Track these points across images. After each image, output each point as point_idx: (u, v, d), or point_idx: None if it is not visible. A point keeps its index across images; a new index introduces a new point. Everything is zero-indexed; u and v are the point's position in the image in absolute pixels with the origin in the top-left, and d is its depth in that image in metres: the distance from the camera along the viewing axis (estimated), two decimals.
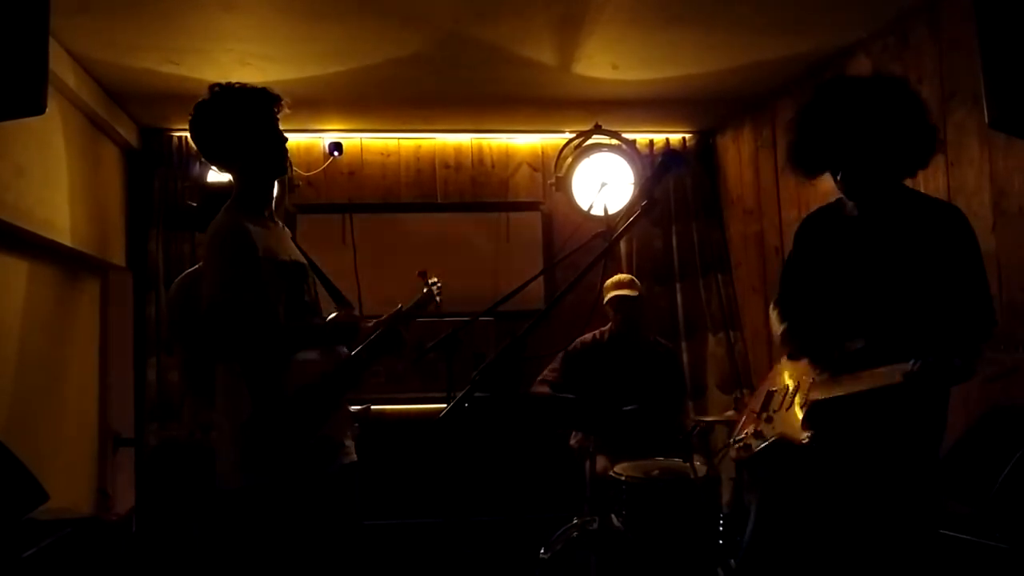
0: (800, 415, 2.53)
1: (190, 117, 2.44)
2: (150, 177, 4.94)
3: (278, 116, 2.48)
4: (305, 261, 2.59)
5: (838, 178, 2.46)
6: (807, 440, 2.46)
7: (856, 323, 2.45)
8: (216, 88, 2.43)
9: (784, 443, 2.57)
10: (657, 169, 2.12)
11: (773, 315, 2.82)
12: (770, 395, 2.78)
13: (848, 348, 2.44)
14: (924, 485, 2.39)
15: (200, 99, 2.43)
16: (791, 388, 2.65)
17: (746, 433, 2.82)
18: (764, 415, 2.74)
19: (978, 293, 2.34)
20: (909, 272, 2.37)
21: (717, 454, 4.12)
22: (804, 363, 2.63)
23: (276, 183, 2.56)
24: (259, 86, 2.46)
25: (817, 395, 2.49)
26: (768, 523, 2.63)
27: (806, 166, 2.53)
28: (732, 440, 2.92)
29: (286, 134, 2.51)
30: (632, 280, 4.42)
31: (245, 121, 2.42)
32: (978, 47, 2.36)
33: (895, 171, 2.42)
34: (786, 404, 2.64)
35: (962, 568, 2.54)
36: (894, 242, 2.40)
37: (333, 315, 2.70)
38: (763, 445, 2.68)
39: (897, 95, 2.38)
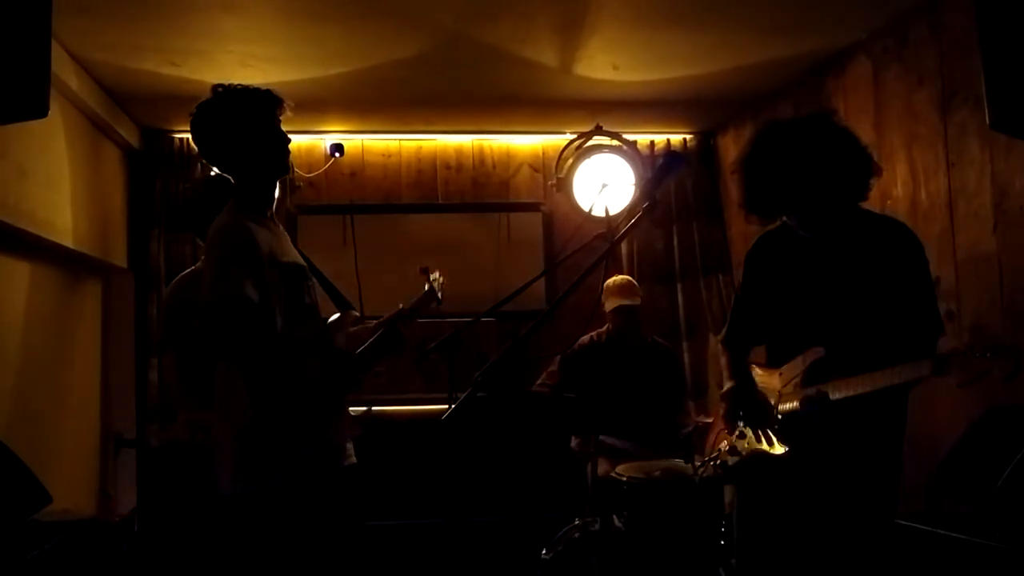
0: (772, 427, 2.59)
1: (191, 117, 2.44)
2: (152, 178, 4.95)
3: (280, 118, 2.47)
4: (304, 263, 2.58)
5: (791, 219, 2.53)
6: (783, 454, 2.52)
7: (814, 333, 2.51)
8: (219, 89, 2.43)
9: (759, 457, 2.62)
10: (658, 170, 2.13)
11: (723, 360, 2.85)
12: None
13: (808, 358, 2.50)
14: (892, 485, 2.46)
15: (202, 99, 2.43)
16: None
17: (719, 450, 2.86)
18: (736, 431, 2.77)
19: (926, 305, 2.42)
20: (861, 289, 2.44)
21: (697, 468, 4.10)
22: (771, 377, 2.67)
23: (278, 184, 2.56)
24: (262, 87, 2.46)
25: (787, 406, 2.54)
26: (751, 535, 2.68)
27: (761, 213, 2.58)
28: (707, 458, 2.95)
29: (287, 133, 2.51)
30: (632, 285, 4.39)
31: (247, 122, 2.41)
32: (979, 47, 2.37)
33: (844, 201, 2.46)
34: None
35: (962, 569, 2.54)
36: (845, 261, 2.47)
37: (334, 317, 2.70)
38: (737, 460, 2.73)
39: (827, 131, 2.43)
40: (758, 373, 2.75)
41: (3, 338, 3.61)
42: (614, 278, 4.41)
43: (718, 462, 2.84)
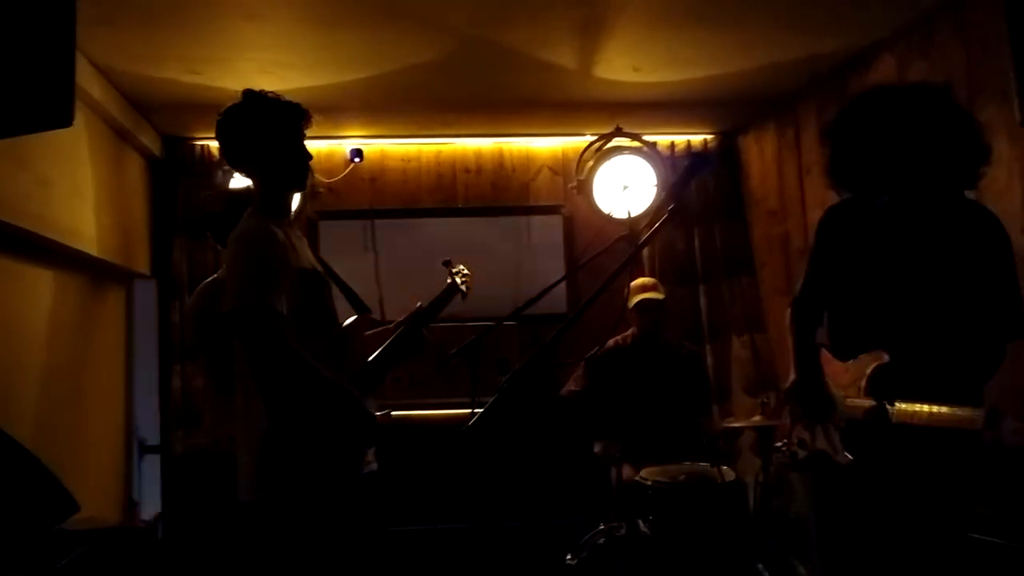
0: (837, 431, 2.45)
1: (219, 118, 2.45)
2: (173, 186, 4.98)
3: (306, 132, 2.48)
4: (322, 268, 2.58)
5: (883, 200, 2.32)
6: (846, 463, 2.39)
7: (882, 329, 2.35)
8: (249, 94, 2.45)
9: (823, 457, 2.51)
10: (685, 172, 2.06)
11: (789, 339, 2.70)
12: None
13: (871, 363, 2.34)
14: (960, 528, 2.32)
15: (225, 105, 2.44)
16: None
17: (790, 438, 2.72)
18: (803, 419, 2.62)
19: (1012, 304, 2.22)
20: (938, 288, 2.27)
21: (770, 457, 4.01)
22: (839, 371, 2.51)
23: (295, 194, 2.57)
24: (292, 100, 2.47)
25: (850, 413, 2.40)
26: (830, 531, 2.57)
27: (852, 187, 2.39)
28: (779, 444, 2.85)
29: (307, 140, 2.51)
30: (656, 283, 4.41)
31: (272, 130, 2.42)
32: (1008, 45, 2.33)
33: (949, 189, 2.26)
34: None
35: (989, 572, 2.50)
36: (925, 253, 2.30)
37: (351, 320, 2.69)
38: (806, 454, 2.60)
39: (946, 106, 2.22)
40: (827, 360, 2.56)
41: (28, 346, 3.63)
42: (638, 279, 4.41)
43: (788, 452, 2.72)
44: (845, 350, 2.45)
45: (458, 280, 3.09)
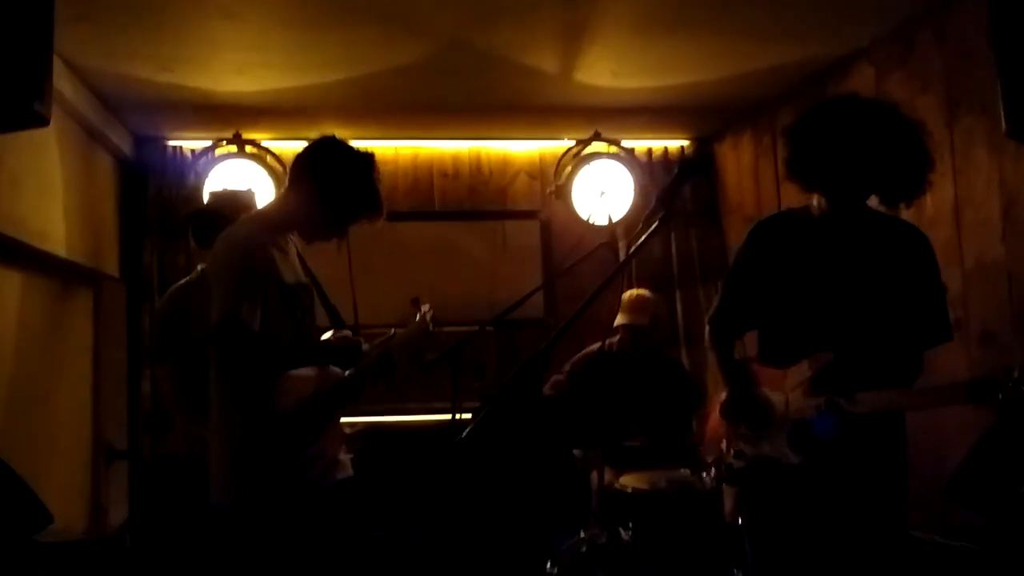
0: (783, 433, 2.47)
1: (340, 143, 2.55)
2: (143, 186, 4.87)
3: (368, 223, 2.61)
4: (307, 280, 2.59)
5: (836, 198, 2.45)
6: (797, 463, 2.42)
7: (822, 332, 2.44)
8: (372, 158, 2.61)
9: (767, 463, 2.52)
10: (676, 178, 2.09)
11: (712, 356, 2.79)
12: None
13: (816, 362, 2.41)
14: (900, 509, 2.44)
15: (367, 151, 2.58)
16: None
17: (722, 450, 2.73)
18: (741, 431, 2.63)
19: (940, 309, 2.45)
20: (875, 290, 2.42)
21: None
22: (776, 378, 2.55)
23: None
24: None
25: (798, 414, 2.44)
26: (764, 543, 2.57)
27: (806, 181, 2.49)
28: (710, 459, 2.85)
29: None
30: (644, 302, 4.22)
31: (357, 203, 2.56)
32: (991, 55, 2.36)
33: (896, 199, 2.43)
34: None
35: None
36: (861, 258, 2.44)
37: (325, 335, 2.68)
38: (743, 465, 2.61)
39: (906, 123, 2.38)
40: (761, 371, 2.61)
41: None
42: (630, 292, 4.28)
43: (722, 466, 2.73)
44: (782, 357, 2.52)
45: (427, 318, 3.12)
